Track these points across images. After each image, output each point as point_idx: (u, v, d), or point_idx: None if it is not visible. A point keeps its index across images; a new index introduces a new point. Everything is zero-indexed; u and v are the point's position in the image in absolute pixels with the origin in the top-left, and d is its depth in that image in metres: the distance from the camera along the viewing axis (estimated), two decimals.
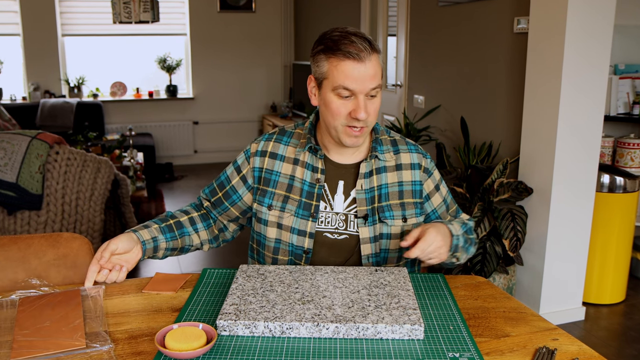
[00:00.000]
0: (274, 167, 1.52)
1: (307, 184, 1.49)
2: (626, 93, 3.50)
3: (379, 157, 1.50)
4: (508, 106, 3.30)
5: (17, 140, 3.36)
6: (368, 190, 1.48)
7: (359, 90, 1.36)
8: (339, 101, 1.38)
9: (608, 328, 3.01)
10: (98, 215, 3.55)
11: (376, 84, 1.37)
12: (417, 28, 4.28)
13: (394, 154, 1.52)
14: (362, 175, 1.48)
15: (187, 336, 1.10)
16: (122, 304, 1.33)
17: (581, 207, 2.96)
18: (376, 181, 1.49)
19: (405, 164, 1.52)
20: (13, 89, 6.43)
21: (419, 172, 1.53)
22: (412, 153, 1.54)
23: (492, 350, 1.13)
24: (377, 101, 1.42)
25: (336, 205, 1.49)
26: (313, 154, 1.50)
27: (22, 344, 1.12)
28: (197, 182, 6.17)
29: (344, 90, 1.36)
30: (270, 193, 1.52)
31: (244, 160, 1.58)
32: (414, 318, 1.16)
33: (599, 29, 2.77)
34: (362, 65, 1.34)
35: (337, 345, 1.12)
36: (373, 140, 1.51)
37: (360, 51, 1.34)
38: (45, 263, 1.56)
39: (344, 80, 1.35)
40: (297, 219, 1.49)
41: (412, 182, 1.51)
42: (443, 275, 1.49)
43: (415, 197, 1.51)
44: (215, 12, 6.78)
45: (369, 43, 1.36)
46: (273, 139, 1.55)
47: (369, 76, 1.35)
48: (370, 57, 1.35)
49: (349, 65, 1.34)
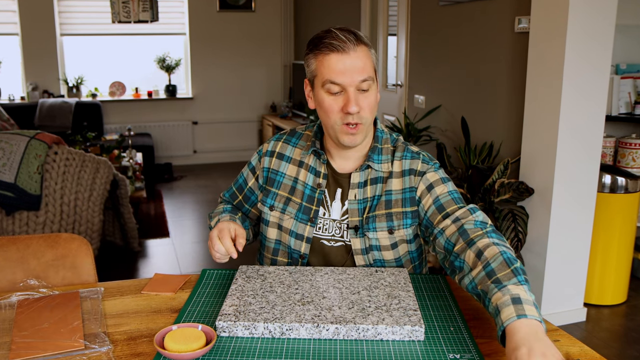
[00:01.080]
0: (279, 168, 1.52)
1: (309, 188, 1.48)
2: (628, 93, 3.49)
3: (373, 167, 1.44)
4: (509, 106, 3.29)
5: (15, 140, 3.36)
6: (361, 201, 1.45)
7: (347, 83, 1.33)
8: (330, 97, 1.36)
9: (609, 329, 3.00)
10: (97, 216, 3.55)
11: (365, 76, 1.34)
12: (418, 27, 4.27)
13: (390, 164, 1.46)
14: (354, 185, 1.45)
15: (187, 337, 1.09)
16: (121, 305, 1.32)
17: (582, 207, 2.95)
18: (370, 192, 1.45)
19: (396, 172, 1.45)
20: (11, 88, 6.42)
21: (409, 178, 1.43)
22: (406, 160, 1.45)
23: (493, 351, 1.13)
24: (371, 96, 1.37)
25: (333, 212, 1.47)
26: (317, 157, 1.49)
27: (21, 345, 1.11)
28: (196, 182, 6.16)
29: (332, 85, 1.34)
30: (273, 193, 1.51)
31: (257, 161, 1.57)
32: (415, 319, 1.16)
33: (600, 29, 2.76)
34: (347, 56, 1.32)
35: (337, 347, 1.12)
36: (370, 148, 1.46)
37: (344, 43, 1.32)
38: (44, 264, 1.56)
39: (330, 74, 1.33)
40: (297, 222, 1.48)
41: (402, 190, 1.43)
42: (444, 276, 1.48)
43: (405, 205, 1.43)
44: (215, 12, 6.77)
45: (355, 35, 1.35)
46: (282, 140, 1.55)
47: (356, 68, 1.33)
48: (356, 48, 1.33)
49: (333, 58, 1.33)
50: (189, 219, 4.88)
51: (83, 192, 3.50)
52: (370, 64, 1.36)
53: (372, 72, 1.36)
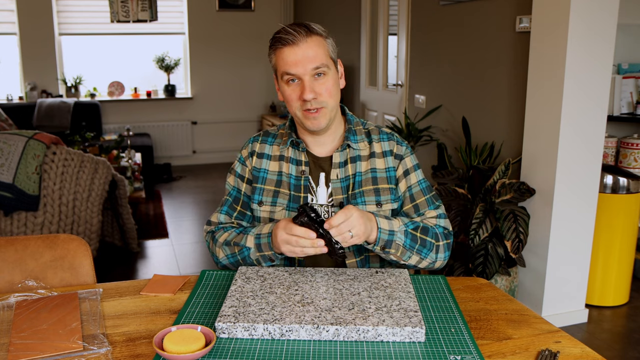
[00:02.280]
0: (261, 166, 1.58)
1: (293, 178, 1.54)
2: (629, 93, 3.48)
3: (352, 146, 1.53)
4: (510, 106, 3.28)
5: (13, 140, 3.35)
6: (343, 179, 1.53)
7: (300, 72, 1.42)
8: (289, 88, 1.46)
9: (611, 330, 2.99)
10: (95, 217, 3.54)
11: (318, 63, 1.42)
12: (418, 27, 4.27)
13: (368, 144, 1.56)
14: (335, 165, 1.53)
15: (186, 339, 1.09)
16: (120, 306, 1.32)
17: (584, 208, 2.94)
18: (350, 170, 1.53)
19: (377, 152, 1.55)
20: (9, 88, 6.41)
21: (391, 159, 1.55)
22: (384, 142, 1.56)
23: (493, 352, 1.13)
24: (328, 80, 1.45)
25: (319, 197, 1.51)
26: (295, 148, 1.56)
27: (19, 346, 1.11)
28: (195, 182, 6.15)
29: (287, 75, 1.44)
30: (259, 189, 1.56)
31: (242, 166, 1.61)
32: (415, 320, 1.16)
33: (602, 28, 2.75)
34: (298, 48, 1.42)
35: (337, 348, 1.12)
36: (346, 130, 1.55)
37: (293, 36, 1.41)
38: (42, 264, 1.56)
39: (284, 66, 1.43)
40: (289, 212, 1.53)
41: (386, 169, 1.54)
42: (444, 277, 1.49)
43: (390, 182, 1.54)
44: (214, 11, 6.76)
45: (306, 27, 1.44)
46: (259, 141, 1.61)
47: (307, 58, 1.41)
48: (307, 39, 1.42)
49: (285, 51, 1.43)
50: (188, 219, 4.86)
51: (82, 193, 3.49)
52: (323, 52, 1.44)
53: (326, 59, 1.44)
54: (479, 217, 2.85)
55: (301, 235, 1.32)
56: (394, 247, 1.42)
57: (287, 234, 1.34)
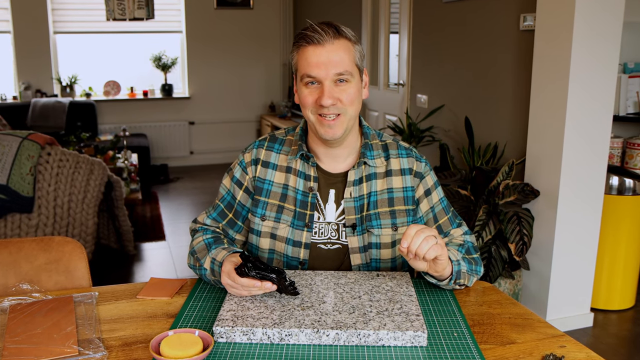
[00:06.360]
0: (266, 176, 1.48)
1: (300, 193, 1.46)
2: (636, 92, 3.46)
3: (368, 163, 1.45)
4: (514, 106, 3.26)
5: (7, 141, 3.34)
6: (357, 199, 1.45)
7: (322, 76, 1.34)
8: (307, 90, 1.37)
9: (617, 335, 2.98)
10: (91, 219, 3.52)
11: (342, 69, 1.34)
12: (420, 25, 4.26)
13: (385, 160, 1.47)
14: (350, 183, 1.45)
15: (183, 343, 1.09)
16: (116, 310, 1.31)
17: (589, 209, 2.92)
18: (366, 189, 1.45)
19: (395, 170, 1.46)
20: (3, 88, 6.36)
21: (409, 178, 1.47)
22: (403, 158, 1.48)
23: (497, 357, 1.12)
24: (351, 88, 1.36)
25: (328, 215, 1.45)
26: (305, 161, 1.47)
27: (13, 351, 1.11)
28: (192, 184, 6.11)
29: (308, 77, 1.35)
30: (263, 203, 1.47)
31: (242, 172, 1.51)
32: (417, 324, 1.15)
33: (607, 26, 2.74)
34: (323, 49, 1.33)
35: (338, 353, 1.11)
36: (362, 145, 1.46)
37: (320, 35, 1.33)
38: (36, 267, 1.56)
39: (306, 67, 1.35)
40: (292, 229, 1.46)
41: (404, 189, 1.46)
42: None
43: (407, 203, 1.46)
44: (212, 9, 6.73)
45: (335, 29, 1.35)
46: (265, 147, 1.51)
47: (331, 61, 1.33)
48: (334, 41, 1.34)
49: (309, 50, 1.34)
50: (185, 221, 4.83)
51: (77, 194, 3.47)
52: (349, 58, 1.35)
53: (351, 66, 1.36)
54: (482, 219, 2.83)
55: (245, 285, 1.22)
56: (462, 277, 1.37)
57: (231, 281, 1.25)
